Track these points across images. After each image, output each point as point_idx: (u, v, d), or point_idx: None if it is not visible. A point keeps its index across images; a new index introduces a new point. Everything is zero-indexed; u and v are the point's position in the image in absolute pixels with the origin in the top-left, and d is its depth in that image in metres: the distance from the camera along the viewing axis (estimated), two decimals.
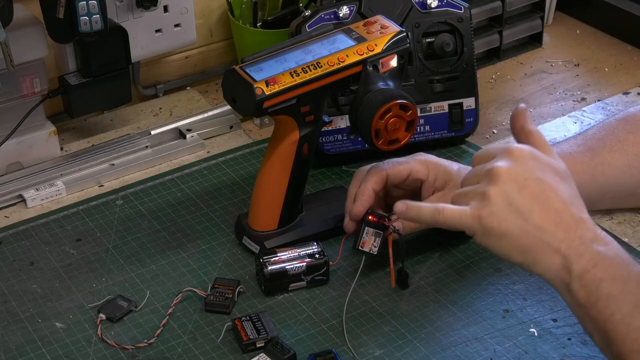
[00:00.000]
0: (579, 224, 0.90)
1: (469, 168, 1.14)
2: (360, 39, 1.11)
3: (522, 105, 0.98)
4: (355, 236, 1.08)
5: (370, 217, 1.07)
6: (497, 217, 0.90)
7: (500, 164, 0.91)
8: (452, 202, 0.94)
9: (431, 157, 1.14)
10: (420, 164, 1.12)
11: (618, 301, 0.86)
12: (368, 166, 1.13)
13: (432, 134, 1.33)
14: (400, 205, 0.98)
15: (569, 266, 0.88)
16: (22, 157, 1.32)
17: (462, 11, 1.31)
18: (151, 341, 1.04)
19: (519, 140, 0.96)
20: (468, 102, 1.33)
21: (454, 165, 1.14)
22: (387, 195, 1.15)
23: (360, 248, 1.07)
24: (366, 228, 1.07)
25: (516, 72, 1.55)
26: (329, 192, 1.24)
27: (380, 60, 1.09)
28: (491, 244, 0.92)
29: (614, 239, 0.90)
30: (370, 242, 1.07)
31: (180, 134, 1.39)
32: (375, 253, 1.07)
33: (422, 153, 1.15)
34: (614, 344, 0.87)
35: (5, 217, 1.25)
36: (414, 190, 1.13)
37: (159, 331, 1.04)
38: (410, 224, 1.09)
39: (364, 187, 1.09)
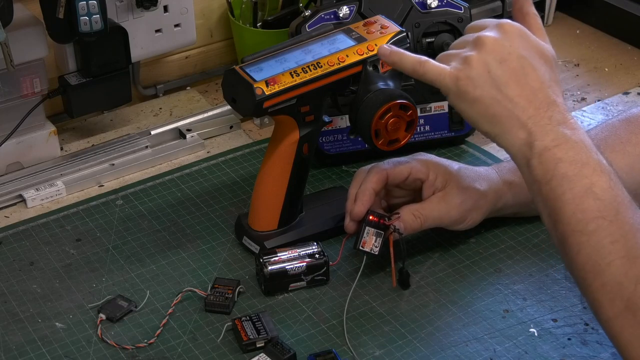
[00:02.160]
0: (550, 105, 0.93)
1: (470, 168, 1.14)
2: (360, 39, 1.11)
3: None
4: (356, 236, 1.08)
5: (370, 217, 1.07)
6: (473, 82, 0.94)
7: (489, 33, 0.95)
8: (437, 60, 0.98)
9: (431, 157, 1.14)
10: (421, 163, 1.12)
11: (571, 182, 0.89)
12: (368, 166, 1.13)
13: (432, 134, 1.33)
14: (384, 48, 1.02)
15: (532, 142, 0.92)
16: (22, 157, 1.32)
17: (462, 11, 1.31)
18: (151, 341, 1.04)
19: (516, 20, 1.00)
20: None
21: (454, 165, 1.14)
22: (388, 196, 1.15)
23: (361, 248, 1.07)
24: (367, 228, 1.07)
25: None
26: (329, 192, 1.24)
27: (381, 60, 1.09)
28: (463, 108, 0.96)
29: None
30: (371, 242, 1.07)
31: (180, 134, 1.39)
32: (377, 253, 1.07)
33: (422, 153, 1.15)
34: (559, 223, 0.89)
35: (5, 217, 1.25)
36: (415, 190, 1.13)
37: (159, 331, 1.04)
38: (412, 224, 1.09)
39: (365, 187, 1.09)
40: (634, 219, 0.87)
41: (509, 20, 0.97)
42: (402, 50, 1.01)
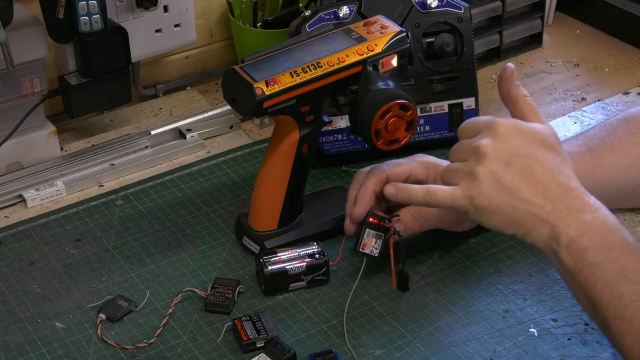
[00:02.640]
0: (566, 194, 0.92)
1: None
2: (360, 39, 1.11)
3: (509, 65, 1.01)
4: (356, 238, 1.08)
5: (370, 219, 1.07)
6: (487, 197, 0.94)
7: (486, 142, 0.94)
8: (442, 180, 0.98)
9: (430, 158, 1.14)
10: (420, 165, 1.12)
11: (602, 269, 0.88)
12: (367, 168, 1.13)
13: (432, 134, 1.33)
14: (390, 188, 1.02)
15: (557, 236, 0.91)
16: (22, 157, 1.32)
17: (462, 11, 1.31)
18: (151, 341, 1.04)
19: (506, 105, 0.99)
20: (468, 102, 1.33)
21: None
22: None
23: (361, 250, 1.07)
24: (367, 230, 1.07)
25: (516, 72, 1.55)
26: (329, 192, 1.24)
27: (380, 60, 1.09)
28: (484, 221, 0.96)
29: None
30: (371, 244, 1.07)
31: (180, 134, 1.39)
32: (376, 255, 1.07)
33: (421, 154, 1.15)
34: (598, 310, 0.89)
35: (5, 217, 1.25)
36: None
37: (159, 331, 1.04)
38: (412, 225, 1.09)
39: (364, 189, 1.09)
40: None
41: (499, 120, 0.96)
42: (409, 186, 1.02)
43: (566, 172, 0.94)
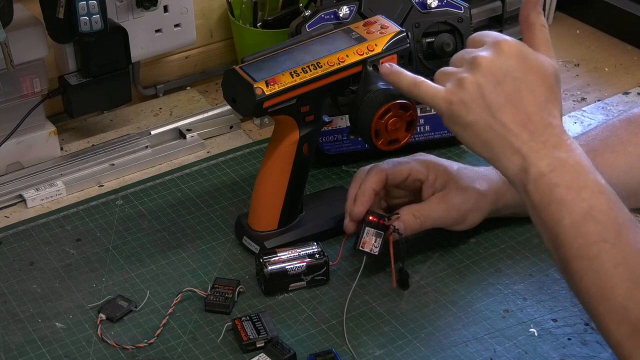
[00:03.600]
0: (546, 129, 0.91)
1: (470, 168, 1.14)
2: (360, 39, 1.11)
3: None
4: (355, 236, 1.08)
5: (370, 218, 1.07)
6: (466, 107, 0.92)
7: (485, 54, 0.92)
8: (434, 79, 0.97)
9: (431, 157, 1.14)
10: (420, 164, 1.12)
11: (570, 207, 0.87)
12: (367, 167, 1.13)
13: (432, 134, 1.33)
14: (386, 67, 1.01)
15: (527, 168, 0.90)
16: (22, 157, 1.32)
17: (462, 11, 1.31)
18: (151, 341, 1.04)
19: (522, 29, 0.96)
20: None
21: (453, 165, 1.14)
22: (387, 196, 1.15)
23: (360, 248, 1.07)
24: (367, 228, 1.07)
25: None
26: (329, 192, 1.24)
27: (380, 60, 1.09)
28: (456, 130, 0.95)
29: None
30: (370, 243, 1.07)
31: (180, 134, 1.39)
32: (376, 253, 1.07)
33: (421, 153, 1.15)
34: (561, 248, 0.88)
35: (5, 217, 1.25)
36: (414, 190, 1.13)
37: (159, 331, 1.04)
38: (412, 224, 1.09)
39: (364, 187, 1.09)
40: (635, 240, 0.86)
41: (508, 38, 0.94)
42: (401, 70, 1.00)
43: (553, 110, 0.92)
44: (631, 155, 1.15)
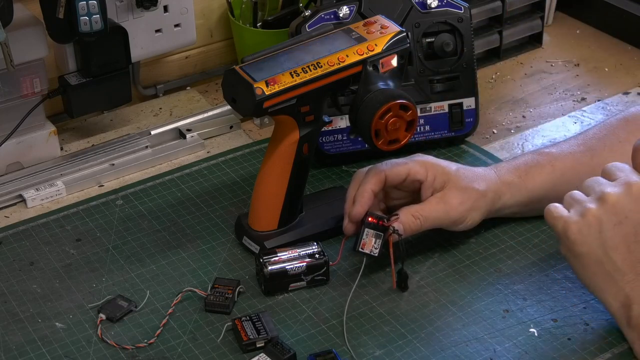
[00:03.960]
0: None
1: (469, 168, 1.14)
2: (360, 39, 1.11)
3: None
4: (355, 237, 1.08)
5: (370, 219, 1.07)
6: (583, 237, 0.95)
7: (614, 191, 0.95)
8: (564, 200, 0.99)
9: (429, 158, 1.14)
10: (419, 164, 1.12)
11: None
12: (366, 168, 1.13)
13: (432, 134, 1.33)
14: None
15: (630, 305, 0.93)
16: (22, 157, 1.32)
17: (462, 11, 1.31)
18: (151, 341, 1.03)
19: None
20: (468, 102, 1.33)
21: (452, 166, 1.14)
22: (386, 197, 1.15)
23: (360, 250, 1.07)
24: (366, 230, 1.07)
25: (516, 72, 1.55)
26: (329, 192, 1.24)
27: (380, 60, 1.09)
28: (567, 256, 0.97)
29: None
30: (370, 244, 1.07)
31: (180, 134, 1.39)
32: (376, 254, 1.07)
33: (420, 154, 1.15)
34: None
35: (5, 217, 1.25)
36: (413, 191, 1.13)
37: (159, 331, 1.04)
38: (412, 225, 1.09)
39: (363, 188, 1.09)
40: None
41: (638, 181, 0.96)
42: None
43: None
44: (629, 155, 1.15)
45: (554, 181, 1.14)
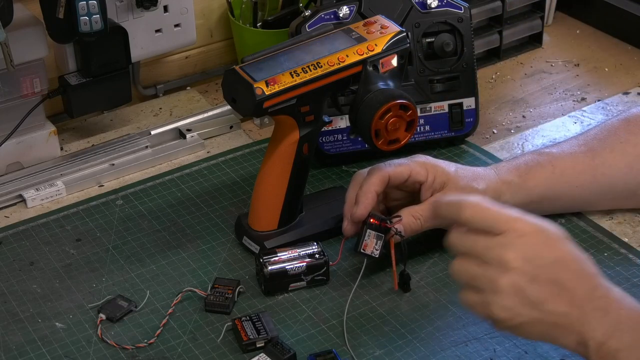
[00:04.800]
0: (592, 295, 0.87)
1: (468, 168, 1.14)
2: (360, 39, 1.11)
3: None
4: (356, 238, 1.08)
5: (372, 220, 1.07)
6: (510, 312, 0.87)
7: (510, 254, 0.86)
8: (462, 280, 0.90)
9: (429, 159, 1.14)
10: (420, 165, 1.12)
11: None
12: (365, 170, 1.13)
13: (432, 134, 1.33)
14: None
15: (586, 342, 0.87)
16: (22, 157, 1.32)
17: (462, 11, 1.31)
18: (151, 341, 1.04)
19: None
20: (468, 102, 1.33)
21: (451, 166, 1.13)
22: (386, 198, 1.14)
23: (362, 251, 1.07)
24: (368, 231, 1.07)
25: (516, 72, 1.55)
26: (329, 192, 1.24)
27: (380, 60, 1.09)
28: (505, 331, 0.90)
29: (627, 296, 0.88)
30: (372, 245, 1.07)
31: (180, 134, 1.39)
32: (377, 256, 1.07)
33: (420, 155, 1.15)
34: None
35: (5, 217, 1.25)
36: (413, 191, 1.13)
37: (159, 331, 1.04)
38: (413, 225, 1.09)
39: (367, 189, 1.09)
40: None
41: (522, 227, 0.87)
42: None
43: (588, 267, 0.88)
44: (630, 155, 1.15)
45: (554, 181, 1.14)
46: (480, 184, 1.12)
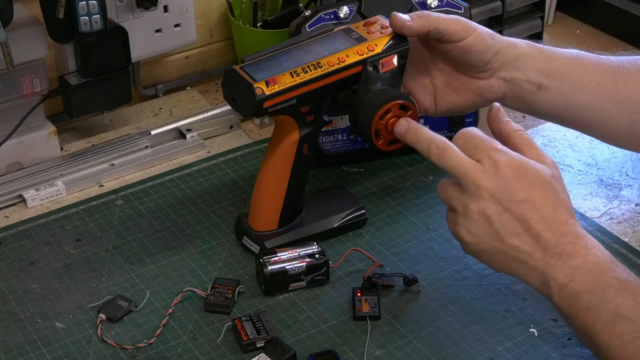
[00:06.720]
0: (558, 240, 0.90)
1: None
2: (360, 39, 1.11)
3: (494, 105, 0.98)
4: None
5: (358, 294, 1.07)
6: (475, 237, 0.92)
7: (486, 182, 0.90)
8: (438, 192, 0.95)
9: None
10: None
11: (597, 311, 0.87)
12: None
13: None
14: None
15: (548, 282, 0.90)
16: (22, 157, 1.32)
17: (462, 11, 1.30)
18: (151, 341, 1.04)
19: (502, 142, 0.94)
20: None
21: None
22: (430, 74, 1.13)
23: (360, 314, 1.06)
24: (355, 299, 1.06)
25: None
26: (329, 192, 1.24)
27: (381, 61, 1.09)
28: (470, 254, 0.94)
29: (599, 243, 0.90)
30: (367, 307, 1.07)
31: (180, 134, 1.39)
32: (378, 314, 1.06)
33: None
34: (599, 352, 0.88)
35: (5, 217, 1.25)
36: (458, 63, 1.11)
37: (159, 331, 1.04)
38: (426, 103, 1.11)
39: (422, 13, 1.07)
40: None
41: (503, 159, 0.90)
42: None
43: (562, 215, 0.91)
44: None
45: (575, 60, 1.11)
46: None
